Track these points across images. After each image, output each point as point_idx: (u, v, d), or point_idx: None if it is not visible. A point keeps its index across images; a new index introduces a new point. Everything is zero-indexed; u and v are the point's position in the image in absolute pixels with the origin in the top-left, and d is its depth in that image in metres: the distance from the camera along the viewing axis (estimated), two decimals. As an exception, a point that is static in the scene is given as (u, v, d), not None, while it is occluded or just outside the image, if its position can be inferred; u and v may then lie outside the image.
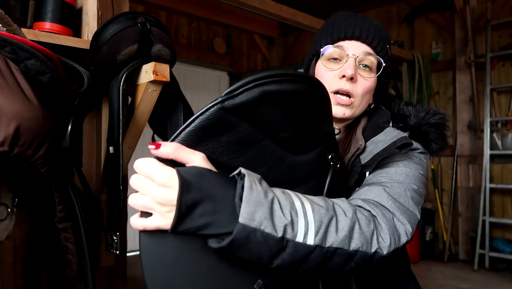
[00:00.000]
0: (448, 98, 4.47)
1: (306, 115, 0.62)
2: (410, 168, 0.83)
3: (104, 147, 1.23)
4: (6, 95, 0.69)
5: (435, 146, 0.89)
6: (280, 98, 0.56)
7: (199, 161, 0.53)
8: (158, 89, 1.12)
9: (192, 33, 5.10)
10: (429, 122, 0.89)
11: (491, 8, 3.99)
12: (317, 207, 0.60)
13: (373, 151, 0.82)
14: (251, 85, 0.54)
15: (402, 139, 0.80)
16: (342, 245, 0.61)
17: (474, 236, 3.94)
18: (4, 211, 0.87)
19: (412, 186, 0.80)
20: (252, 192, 0.53)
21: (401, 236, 0.71)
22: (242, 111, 0.54)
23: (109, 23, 1.09)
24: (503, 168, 4.07)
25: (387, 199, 0.75)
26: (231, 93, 0.53)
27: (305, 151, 0.65)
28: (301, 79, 0.59)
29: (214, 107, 0.52)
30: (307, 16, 3.24)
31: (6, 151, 0.69)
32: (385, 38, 0.90)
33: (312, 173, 0.68)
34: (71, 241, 0.93)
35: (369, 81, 0.88)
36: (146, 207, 0.53)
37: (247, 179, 0.53)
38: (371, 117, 0.93)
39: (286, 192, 0.59)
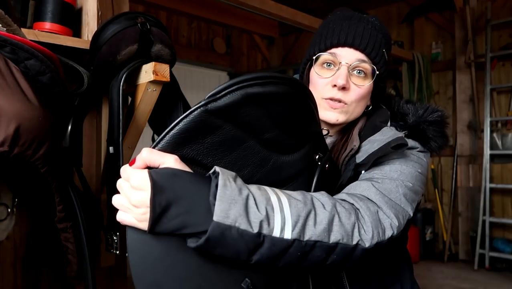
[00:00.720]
0: (448, 98, 4.47)
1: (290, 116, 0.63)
2: (407, 166, 0.82)
3: (104, 147, 1.23)
4: (6, 95, 0.69)
5: (434, 144, 0.88)
6: (263, 100, 0.57)
7: (171, 162, 0.54)
8: (158, 89, 1.12)
9: (192, 33, 5.10)
10: (427, 120, 0.88)
11: (491, 8, 3.99)
12: (294, 201, 0.60)
13: (369, 150, 0.82)
14: (234, 88, 0.55)
15: (397, 140, 0.79)
16: (321, 238, 0.61)
17: (474, 236, 3.94)
18: (4, 211, 0.87)
19: (406, 183, 0.80)
20: (226, 190, 0.53)
21: (386, 229, 0.70)
22: (225, 113, 0.55)
23: (109, 23, 1.09)
24: (503, 168, 4.07)
25: (375, 193, 0.75)
26: (214, 96, 0.54)
27: (290, 151, 0.66)
28: (284, 81, 0.59)
29: (198, 110, 0.53)
30: (307, 16, 3.24)
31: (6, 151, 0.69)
32: (380, 42, 0.87)
33: (298, 172, 0.68)
34: (71, 241, 0.93)
35: (362, 88, 0.86)
36: (123, 208, 0.55)
37: (221, 177, 0.54)
38: (370, 117, 0.93)
39: (262, 188, 0.59)
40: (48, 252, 1.06)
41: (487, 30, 3.96)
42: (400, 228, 0.73)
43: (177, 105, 1.21)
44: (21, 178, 0.93)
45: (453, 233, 4.22)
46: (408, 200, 0.78)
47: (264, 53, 5.86)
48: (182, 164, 0.55)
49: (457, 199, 4.21)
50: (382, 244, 0.69)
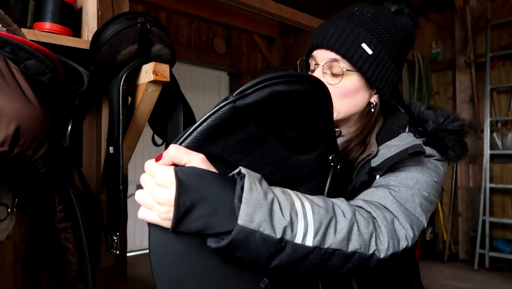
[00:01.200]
0: (448, 98, 4.47)
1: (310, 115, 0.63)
2: (423, 174, 0.81)
3: (104, 147, 1.23)
4: (6, 95, 0.69)
5: (452, 154, 0.86)
6: (287, 98, 0.57)
7: (198, 161, 0.53)
8: (158, 89, 1.12)
9: (192, 33, 5.10)
10: (447, 128, 0.86)
11: (491, 8, 4.00)
12: (317, 208, 0.60)
13: (385, 155, 0.81)
14: (262, 85, 0.55)
15: (415, 147, 0.78)
16: (341, 246, 0.61)
17: (474, 236, 3.94)
18: (4, 211, 0.87)
19: (422, 192, 0.78)
20: (251, 193, 0.52)
21: (401, 240, 0.70)
22: (252, 110, 0.55)
23: (109, 23, 1.09)
24: (503, 167, 4.07)
25: (392, 202, 0.74)
26: (243, 92, 0.54)
27: (308, 150, 0.66)
28: (307, 80, 0.60)
29: (226, 106, 0.53)
30: (307, 16, 3.24)
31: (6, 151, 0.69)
32: (356, 36, 0.83)
33: (314, 172, 0.68)
34: (71, 241, 0.93)
35: (336, 87, 0.85)
36: (147, 205, 0.54)
37: (247, 180, 0.53)
38: (387, 120, 0.91)
39: (286, 191, 0.59)
40: (48, 252, 1.06)
41: (487, 30, 3.96)
42: (414, 239, 0.72)
43: (177, 105, 1.21)
44: (21, 178, 0.93)
45: (453, 233, 4.22)
46: (423, 210, 0.77)
47: (264, 53, 5.86)
48: (208, 164, 0.55)
49: (457, 199, 4.21)
50: (397, 255, 0.69)
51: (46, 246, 1.06)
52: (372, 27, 0.85)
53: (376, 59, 0.84)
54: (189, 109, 1.25)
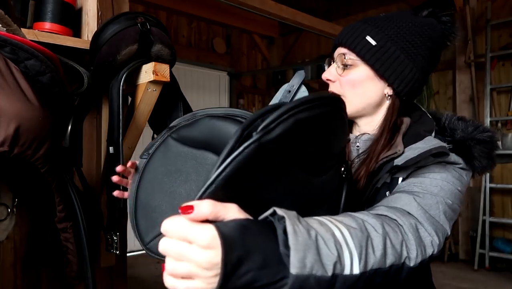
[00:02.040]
0: (448, 98, 4.47)
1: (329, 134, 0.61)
2: (447, 182, 0.80)
3: (104, 147, 1.23)
4: (6, 96, 0.69)
5: (478, 164, 0.85)
6: (310, 124, 0.55)
7: (235, 212, 0.49)
8: (158, 89, 1.12)
9: (192, 33, 5.10)
10: (475, 138, 0.86)
11: (491, 8, 4.00)
12: (353, 231, 0.58)
13: (408, 156, 0.81)
14: (286, 116, 0.51)
15: (439, 148, 0.78)
16: (381, 264, 0.59)
17: (474, 236, 3.94)
18: (4, 211, 0.87)
19: (446, 200, 0.78)
20: (297, 237, 0.49)
21: (427, 247, 0.69)
22: (276, 144, 0.51)
23: (109, 23, 1.09)
24: (503, 167, 4.07)
25: (417, 208, 0.73)
26: (268, 127, 0.50)
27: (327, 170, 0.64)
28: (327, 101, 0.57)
29: (252, 146, 0.48)
30: (307, 16, 3.24)
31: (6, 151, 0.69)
32: (361, 30, 0.90)
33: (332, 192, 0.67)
34: (71, 241, 0.93)
35: (346, 77, 0.91)
36: (191, 274, 0.47)
37: (288, 223, 0.49)
38: (413, 124, 0.92)
39: (322, 221, 0.56)
40: (48, 252, 1.06)
41: (487, 30, 3.97)
42: (440, 246, 0.72)
43: (177, 105, 1.21)
44: (21, 178, 0.93)
45: (453, 233, 4.22)
46: (447, 217, 0.76)
47: (264, 53, 5.86)
48: (243, 212, 0.50)
49: (457, 199, 4.21)
50: (425, 262, 0.68)
51: (46, 246, 1.06)
52: (381, 23, 0.90)
53: (381, 50, 0.88)
54: (189, 109, 1.25)
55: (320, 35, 3.60)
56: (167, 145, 0.79)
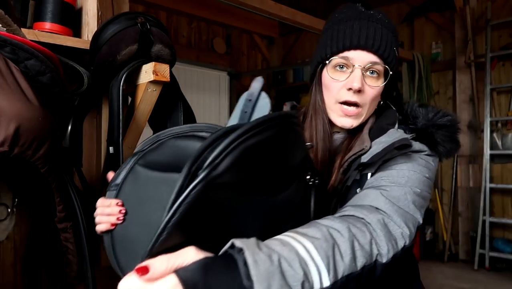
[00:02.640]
0: (448, 98, 4.47)
1: (284, 153, 0.59)
2: (414, 171, 0.81)
3: (104, 147, 1.23)
4: (6, 96, 0.69)
5: (442, 148, 0.86)
6: (260, 149, 0.52)
7: (193, 255, 0.48)
8: (158, 89, 1.12)
9: (192, 33, 5.10)
10: (436, 123, 0.86)
11: (491, 8, 4.00)
12: (317, 242, 0.57)
13: (374, 152, 0.81)
14: (232, 147, 0.48)
15: (401, 141, 0.79)
16: (351, 269, 0.59)
17: (474, 236, 3.94)
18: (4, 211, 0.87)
19: (414, 189, 0.78)
20: (258, 266, 0.47)
21: (398, 239, 0.69)
22: (226, 177, 0.49)
23: (109, 23, 1.09)
24: (503, 168, 4.07)
25: (384, 202, 0.73)
26: (213, 162, 0.47)
27: (286, 186, 0.62)
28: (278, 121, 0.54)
29: (199, 186, 0.46)
30: (307, 16, 3.24)
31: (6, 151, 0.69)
32: (391, 41, 0.87)
33: (298, 204, 0.65)
34: (71, 241, 0.93)
35: (375, 90, 0.86)
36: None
37: (247, 254, 0.48)
38: (378, 118, 0.92)
39: (284, 241, 0.55)
40: (48, 252, 1.06)
41: (487, 30, 3.96)
42: (411, 236, 0.72)
43: (177, 105, 1.21)
44: (21, 178, 0.93)
45: (453, 233, 4.22)
46: (417, 206, 0.76)
47: (264, 53, 5.86)
48: (201, 251, 0.49)
49: (457, 199, 4.21)
50: (397, 256, 0.67)
51: (46, 246, 1.06)
52: (393, 31, 0.89)
53: (397, 62, 0.89)
54: (189, 109, 1.25)
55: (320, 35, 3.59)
56: (135, 172, 0.75)
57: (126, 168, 0.77)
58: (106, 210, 0.74)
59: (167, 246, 0.48)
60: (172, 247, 0.48)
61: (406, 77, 4.34)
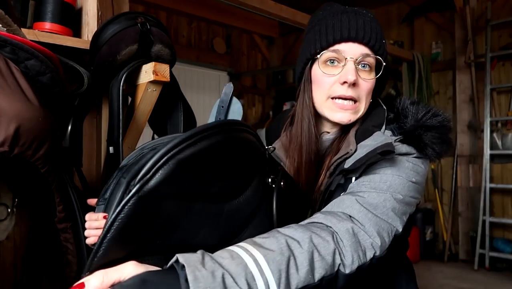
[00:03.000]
0: (448, 98, 4.47)
1: (231, 161, 0.58)
2: (399, 175, 0.77)
3: (104, 147, 1.23)
4: (6, 96, 0.69)
5: (431, 151, 0.81)
6: (198, 159, 0.51)
7: (133, 269, 0.48)
8: (158, 89, 1.12)
9: (192, 33, 5.10)
10: (425, 125, 0.82)
11: (491, 8, 4.00)
12: (271, 255, 0.55)
13: (357, 156, 0.79)
14: (164, 160, 0.48)
15: (384, 146, 0.75)
16: (307, 281, 0.57)
17: (474, 236, 3.94)
18: (4, 211, 0.87)
19: (396, 195, 0.75)
20: (198, 283, 0.47)
21: (367, 250, 0.66)
22: (161, 190, 0.49)
23: (109, 23, 1.09)
24: (503, 168, 4.07)
25: (358, 210, 0.70)
26: (144, 177, 0.47)
27: (240, 192, 0.61)
28: (217, 130, 0.54)
29: (131, 200, 0.46)
30: (307, 16, 3.24)
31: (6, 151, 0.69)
32: (381, 34, 0.86)
33: (256, 207, 0.64)
34: (71, 241, 0.93)
35: (370, 82, 0.85)
36: None
37: (188, 271, 0.47)
38: (365, 118, 0.89)
39: (235, 254, 0.54)
40: (48, 252, 1.06)
41: (487, 30, 3.96)
42: (384, 246, 0.69)
43: (177, 105, 1.21)
44: (21, 178, 0.93)
45: (453, 233, 4.22)
46: (397, 214, 0.73)
47: (264, 53, 5.86)
48: (142, 265, 0.49)
49: (457, 199, 4.21)
50: (365, 266, 0.65)
51: (46, 246, 1.06)
52: (379, 25, 0.88)
53: (387, 55, 0.88)
54: (189, 109, 1.25)
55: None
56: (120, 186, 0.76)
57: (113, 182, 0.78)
58: (94, 224, 0.76)
59: (108, 260, 0.48)
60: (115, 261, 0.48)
61: (406, 77, 4.34)
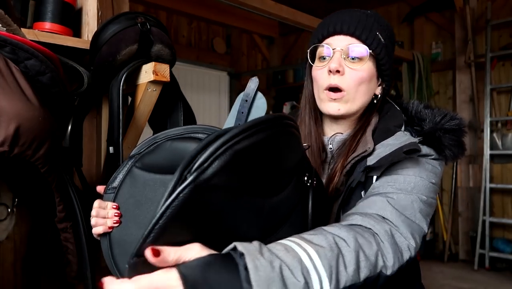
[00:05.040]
0: (448, 98, 4.47)
1: (278, 156, 0.58)
2: (421, 177, 0.79)
3: (104, 147, 1.23)
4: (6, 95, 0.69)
5: (449, 153, 0.84)
6: (251, 152, 0.52)
7: (198, 251, 0.49)
8: (158, 89, 1.12)
9: (192, 33, 5.10)
10: (444, 127, 0.85)
11: (491, 8, 4.00)
12: (322, 251, 0.56)
13: (381, 154, 0.80)
14: (222, 150, 0.48)
15: (410, 145, 0.77)
16: (354, 280, 0.58)
17: (474, 236, 3.94)
18: (4, 211, 0.87)
19: (421, 196, 0.77)
20: (258, 271, 0.48)
21: (404, 252, 0.68)
22: (216, 181, 0.49)
23: (109, 23, 1.09)
24: (503, 168, 4.07)
25: (391, 212, 0.72)
26: (201, 166, 0.48)
27: (282, 188, 0.62)
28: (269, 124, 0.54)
29: (187, 189, 0.46)
30: (307, 16, 3.24)
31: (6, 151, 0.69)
32: (371, 25, 0.87)
33: (294, 205, 0.65)
34: (71, 241, 0.93)
35: (358, 70, 0.86)
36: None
37: (248, 259, 0.48)
38: (382, 119, 0.91)
39: (288, 247, 0.55)
40: (48, 252, 1.06)
41: (487, 30, 3.96)
42: (417, 248, 0.71)
43: (177, 105, 1.21)
44: (21, 178, 0.93)
45: (453, 233, 4.21)
46: (423, 215, 0.75)
47: (264, 53, 5.86)
48: (206, 248, 0.49)
49: (457, 199, 4.21)
50: (403, 268, 0.67)
51: (46, 246, 1.06)
52: (378, 20, 0.90)
53: (387, 49, 0.88)
54: (189, 109, 1.25)
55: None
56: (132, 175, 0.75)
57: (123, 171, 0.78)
58: (102, 212, 0.74)
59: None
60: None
61: (406, 77, 4.34)
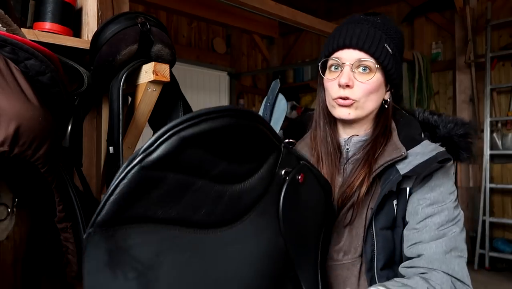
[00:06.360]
0: (448, 98, 4.47)
1: (235, 145, 0.61)
2: (452, 193, 0.89)
3: (104, 147, 1.23)
4: (6, 95, 0.69)
5: (466, 155, 0.95)
6: (200, 139, 0.55)
7: None
8: (158, 89, 1.12)
9: (192, 33, 5.10)
10: (458, 133, 0.94)
11: (491, 8, 4.00)
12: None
13: (412, 162, 0.85)
14: (167, 135, 0.52)
15: (443, 154, 0.84)
16: None
17: (474, 236, 3.94)
18: (4, 211, 0.87)
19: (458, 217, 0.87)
20: None
21: None
22: (164, 163, 0.53)
23: (109, 23, 1.09)
24: (503, 168, 4.07)
25: (458, 264, 0.82)
26: (148, 149, 0.52)
27: (245, 177, 0.64)
28: (222, 114, 0.57)
29: (134, 169, 0.51)
30: (307, 16, 3.24)
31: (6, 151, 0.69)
32: (380, 37, 0.92)
33: (260, 195, 0.67)
34: (71, 241, 0.93)
35: (367, 83, 0.91)
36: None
37: None
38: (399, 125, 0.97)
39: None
40: (48, 252, 1.06)
41: (487, 30, 3.97)
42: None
43: (177, 105, 1.21)
44: (21, 178, 0.93)
45: (453, 233, 4.22)
46: (463, 238, 0.86)
47: (264, 53, 5.86)
48: None
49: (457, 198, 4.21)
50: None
51: (46, 246, 1.06)
52: (387, 31, 0.94)
53: (394, 58, 0.94)
54: (189, 109, 1.25)
55: (320, 35, 3.60)
56: None
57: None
58: None
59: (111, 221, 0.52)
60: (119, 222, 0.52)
61: (406, 77, 4.34)
